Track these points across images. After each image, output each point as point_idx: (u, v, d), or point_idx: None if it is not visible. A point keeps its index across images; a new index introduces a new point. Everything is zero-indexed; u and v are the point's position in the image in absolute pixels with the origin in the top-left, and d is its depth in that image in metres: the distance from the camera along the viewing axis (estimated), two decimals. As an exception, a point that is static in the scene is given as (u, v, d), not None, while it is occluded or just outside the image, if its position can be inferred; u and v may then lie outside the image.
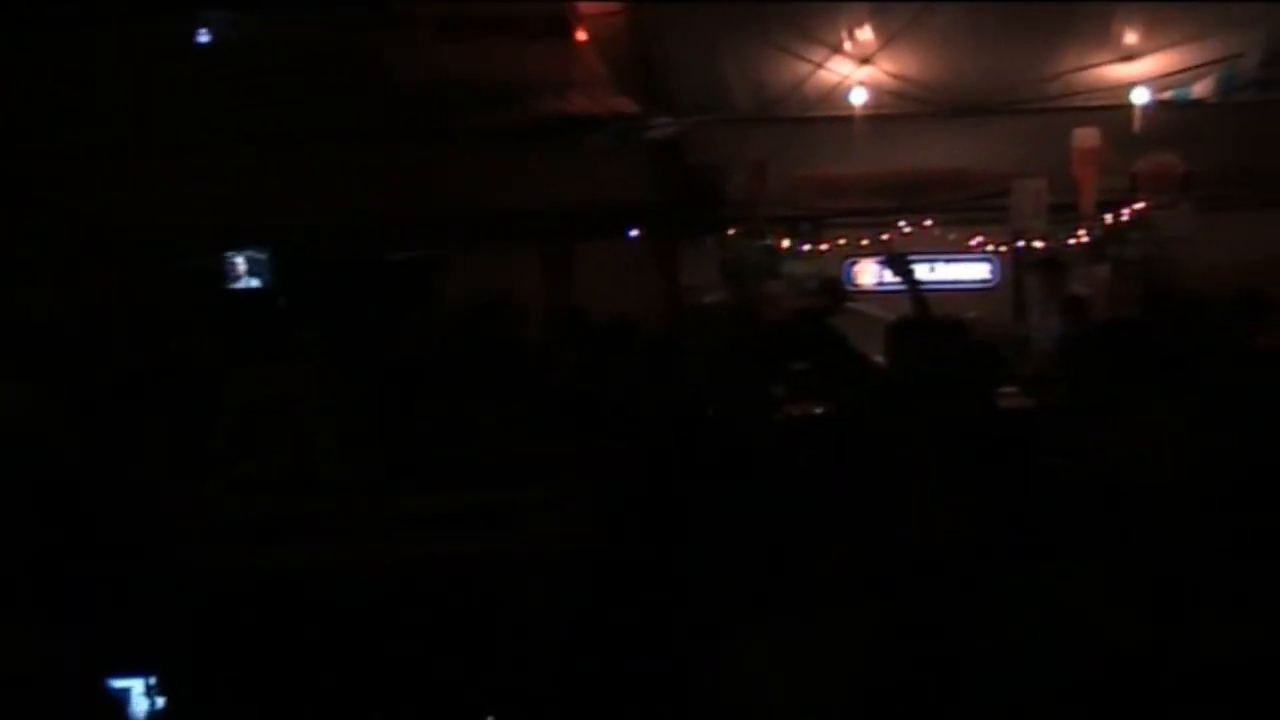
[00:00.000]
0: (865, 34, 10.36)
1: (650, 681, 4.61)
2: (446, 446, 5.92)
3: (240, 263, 11.42)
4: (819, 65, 10.50)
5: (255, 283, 11.04)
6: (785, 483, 5.08)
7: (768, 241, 12.25)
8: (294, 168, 11.20)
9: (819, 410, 6.63)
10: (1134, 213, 11.67)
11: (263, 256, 11.59)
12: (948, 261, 12.54)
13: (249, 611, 4.91)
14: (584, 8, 10.87)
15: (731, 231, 12.06)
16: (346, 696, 4.80)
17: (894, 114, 10.97)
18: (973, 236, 12.31)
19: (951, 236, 12.24)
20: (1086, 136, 11.04)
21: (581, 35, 10.13)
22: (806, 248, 12.49)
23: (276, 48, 9.92)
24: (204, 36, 11.43)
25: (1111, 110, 10.72)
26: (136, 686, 4.04)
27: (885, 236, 12.11)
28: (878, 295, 12.32)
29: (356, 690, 4.81)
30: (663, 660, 4.61)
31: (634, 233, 12.70)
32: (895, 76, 10.63)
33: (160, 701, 4.15)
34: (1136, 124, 10.60)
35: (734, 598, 4.60)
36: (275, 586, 4.98)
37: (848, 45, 10.42)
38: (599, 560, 4.98)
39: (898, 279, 7.86)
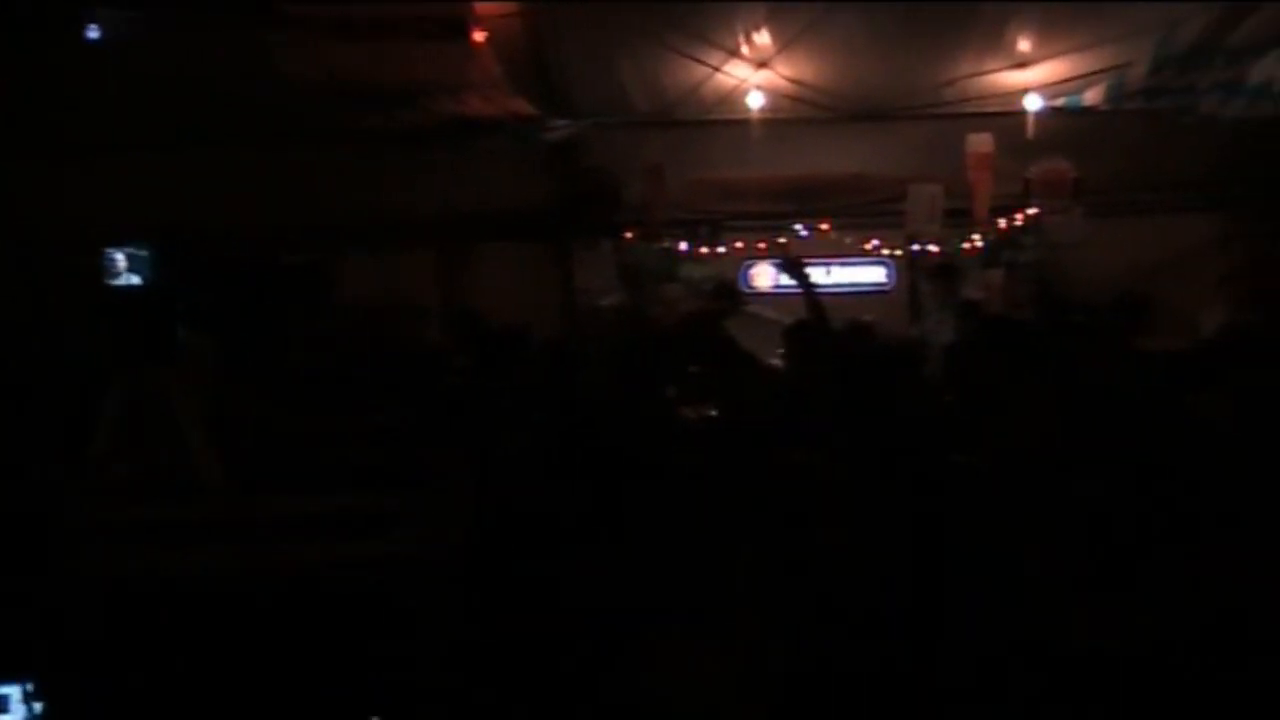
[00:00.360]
0: (762, 38, 10.35)
1: (535, 684, 4.58)
2: (330, 450, 5.85)
3: (123, 263, 11.20)
4: (716, 69, 10.49)
5: (139, 284, 10.81)
6: (680, 485, 5.08)
7: (665, 245, 12.23)
8: (183, 169, 11.01)
9: (712, 413, 6.63)
10: (1027, 218, 11.79)
11: (148, 257, 11.38)
12: (844, 265, 12.60)
13: (127, 614, 4.82)
14: (480, 9, 10.77)
15: (628, 234, 12.03)
16: (223, 697, 4.73)
17: (791, 118, 10.97)
18: (869, 240, 12.37)
19: (848, 240, 12.30)
20: (980, 142, 11.13)
21: (477, 37, 10.04)
22: (704, 251, 12.50)
23: (165, 48, 9.73)
24: (90, 36, 11.19)
25: (1005, 116, 10.81)
26: (14, 693, 3.96)
27: (782, 240, 12.14)
28: (775, 298, 12.37)
29: (233, 691, 4.74)
30: (549, 663, 4.58)
31: (530, 235, 12.64)
32: (792, 81, 10.64)
33: (38, 707, 4.07)
34: (1029, 130, 10.69)
35: (626, 601, 4.58)
36: (152, 588, 4.90)
37: (745, 49, 10.40)
38: (482, 562, 4.94)
39: (793, 282, 7.88)
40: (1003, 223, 11.88)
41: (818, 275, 12.34)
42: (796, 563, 4.61)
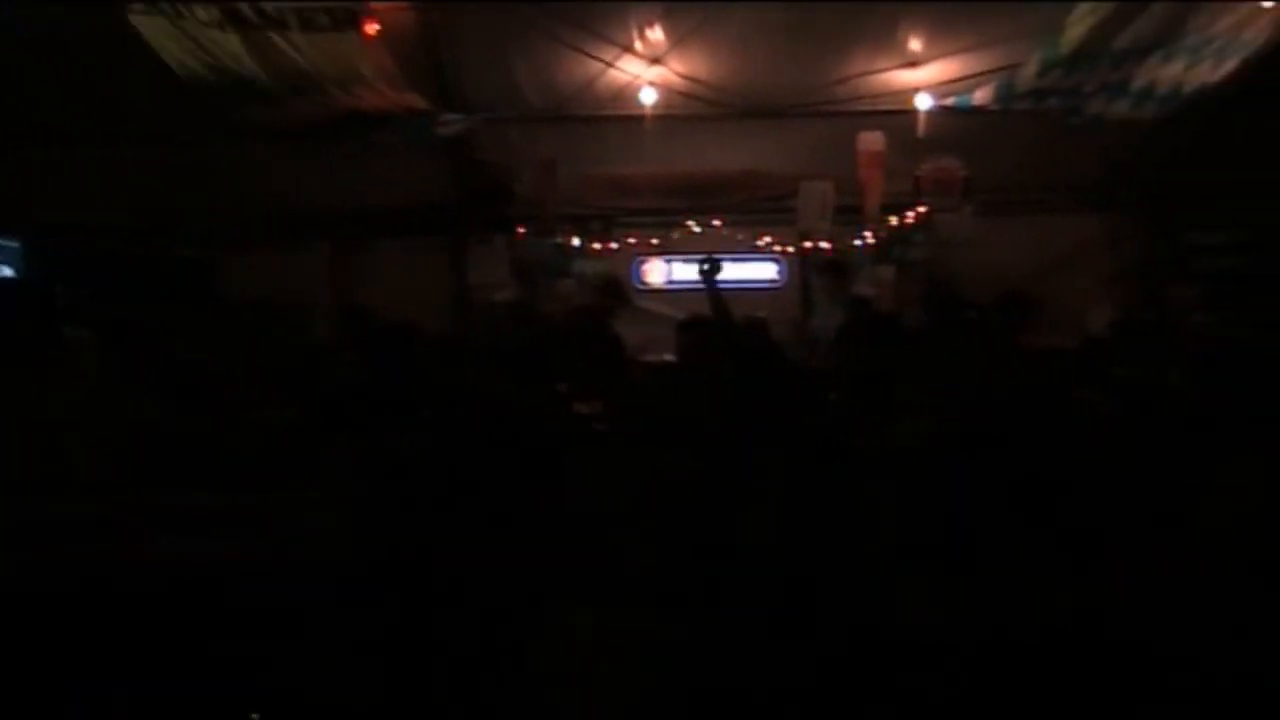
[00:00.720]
0: (656, 34, 10.32)
1: (421, 679, 4.55)
2: (215, 446, 5.76)
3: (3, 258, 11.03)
4: (609, 65, 10.44)
5: (20, 279, 10.62)
6: (571, 482, 5.08)
7: (558, 240, 12.22)
8: (72, 164, 10.82)
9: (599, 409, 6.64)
10: (917, 216, 11.90)
11: (29, 253, 11.20)
12: (736, 261, 12.64)
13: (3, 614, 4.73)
14: (374, 4, 10.66)
15: (521, 230, 11.99)
16: (99, 697, 4.65)
17: (684, 115, 10.97)
18: (761, 237, 12.43)
19: (740, 237, 12.35)
20: (871, 140, 11.21)
21: (370, 30, 9.92)
22: (597, 246, 12.50)
23: (52, 41, 9.52)
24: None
25: (896, 115, 10.88)
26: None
27: (675, 235, 12.17)
28: (667, 294, 12.39)
29: (109, 690, 4.66)
30: (435, 660, 4.56)
31: (423, 231, 12.56)
32: (685, 77, 10.62)
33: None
34: (919, 129, 10.78)
35: (513, 596, 4.57)
36: (25, 588, 4.80)
37: (638, 45, 10.38)
38: (368, 559, 4.90)
39: (706, 281, 7.92)
40: (893, 220, 11.99)
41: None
42: (679, 555, 4.63)
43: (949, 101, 10.66)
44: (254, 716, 4.59)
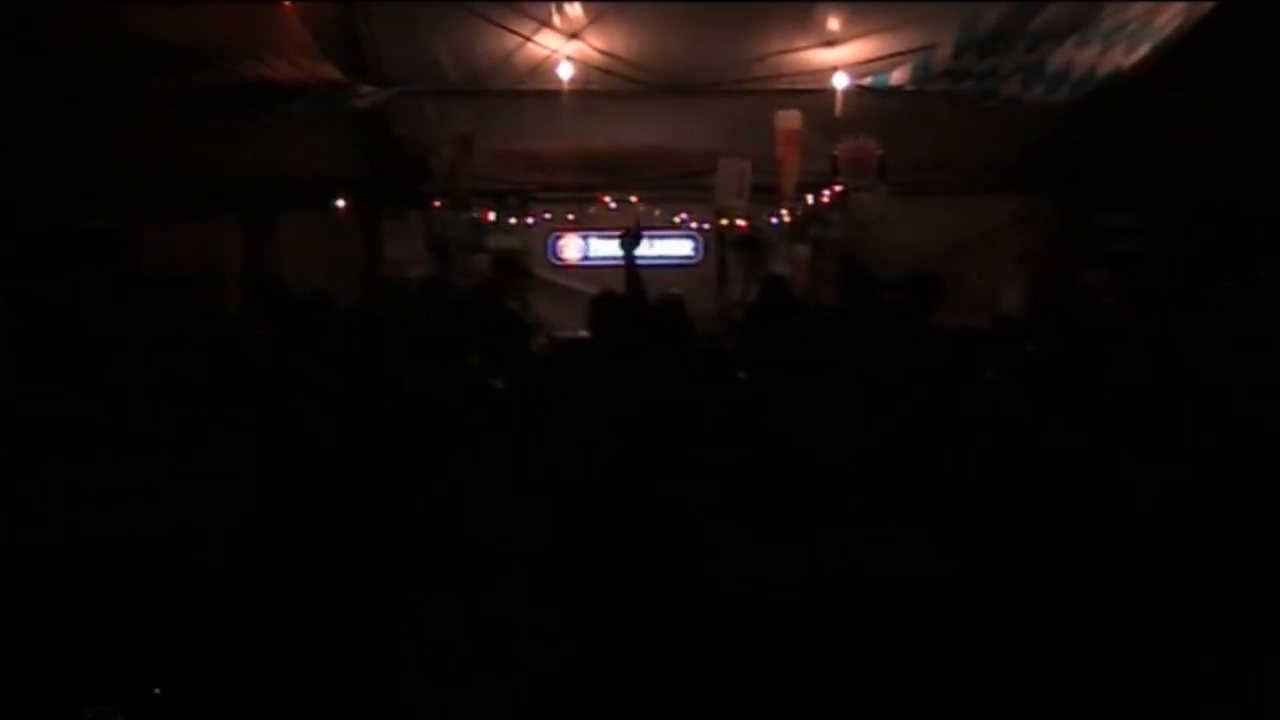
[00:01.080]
0: (574, 9, 10.25)
1: (320, 656, 4.52)
2: (120, 417, 5.67)
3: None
4: (527, 39, 10.36)
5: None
6: (476, 460, 5.05)
7: (473, 215, 12.16)
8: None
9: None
10: (833, 195, 11.94)
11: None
12: (652, 238, 12.66)
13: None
14: (290, -26, 10.52)
15: (436, 204, 11.92)
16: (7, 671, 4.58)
17: (601, 90, 10.93)
18: (678, 214, 12.43)
19: (656, 213, 12.35)
20: (788, 119, 11.22)
21: (287, 1, 9.79)
22: (512, 221, 12.45)
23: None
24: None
25: (813, 94, 10.89)
26: None
27: (591, 211, 12.15)
28: (582, 270, 12.38)
29: (16, 664, 4.59)
30: (337, 634, 4.52)
31: (337, 203, 12.45)
32: (603, 53, 10.57)
33: None
34: (837, 108, 10.79)
35: (421, 574, 4.54)
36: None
37: (556, 20, 10.30)
38: (271, 531, 4.86)
39: (625, 251, 7.91)
40: (810, 199, 12.02)
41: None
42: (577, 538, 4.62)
43: (866, 81, 10.67)
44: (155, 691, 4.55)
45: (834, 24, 10.37)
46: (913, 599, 4.39)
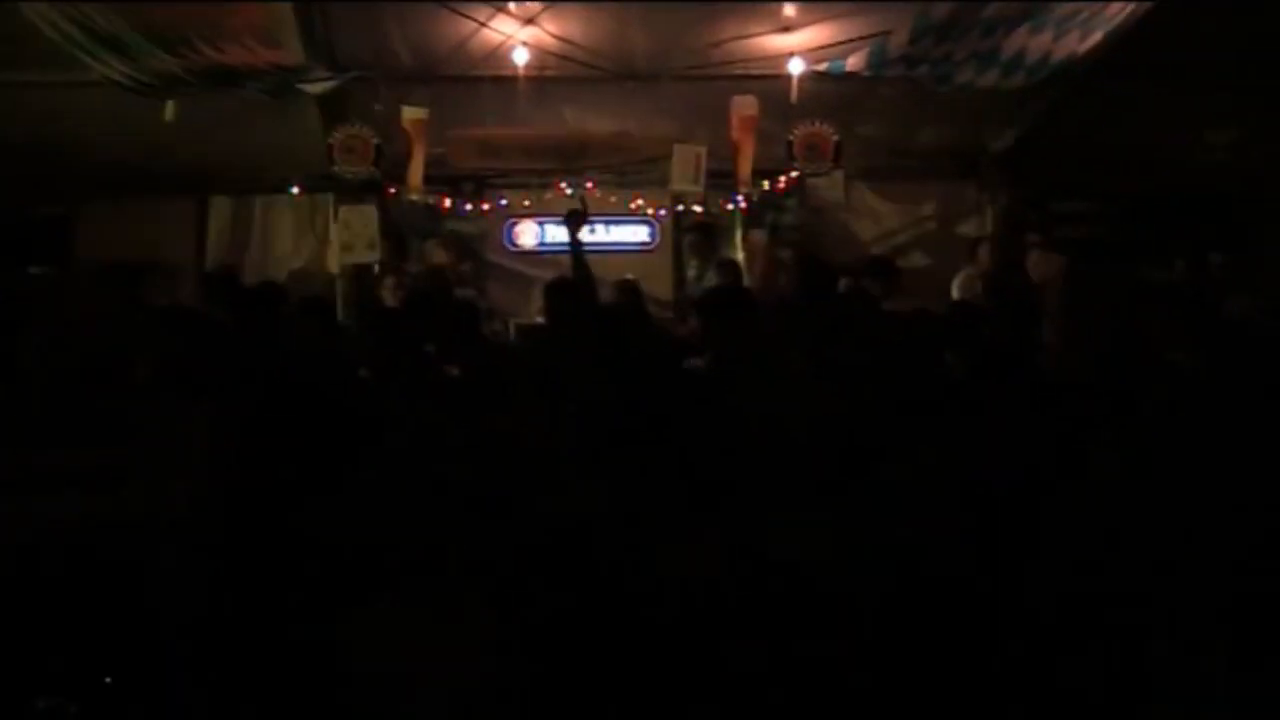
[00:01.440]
0: (530, -5, 10.23)
1: (272, 647, 4.51)
2: (63, 405, 5.63)
3: None
4: (482, 24, 10.32)
5: None
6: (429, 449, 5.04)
7: (429, 201, 12.12)
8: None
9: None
10: (789, 180, 11.95)
11: None
12: (608, 224, 12.67)
13: None
14: (243, -41, 10.44)
15: (391, 190, 11.87)
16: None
17: (557, 76, 10.91)
18: (633, 199, 12.42)
19: (612, 199, 12.33)
20: (745, 104, 11.22)
21: (241, -15, 9.70)
22: (468, 208, 12.42)
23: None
24: None
25: (770, 80, 10.90)
26: None
27: (548, 197, 12.13)
28: (539, 256, 12.37)
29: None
30: (288, 625, 4.51)
31: (292, 189, 12.40)
32: (559, 39, 10.54)
33: None
34: (793, 94, 10.81)
35: (369, 565, 4.53)
36: None
37: (512, 5, 10.26)
38: (218, 520, 4.85)
39: (569, 231, 7.90)
40: (766, 185, 12.04)
41: (582, 234, 12.44)
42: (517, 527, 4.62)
43: (822, 67, 10.69)
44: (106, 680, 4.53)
45: (790, 10, 10.36)
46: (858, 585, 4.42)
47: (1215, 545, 4.47)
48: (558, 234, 12.45)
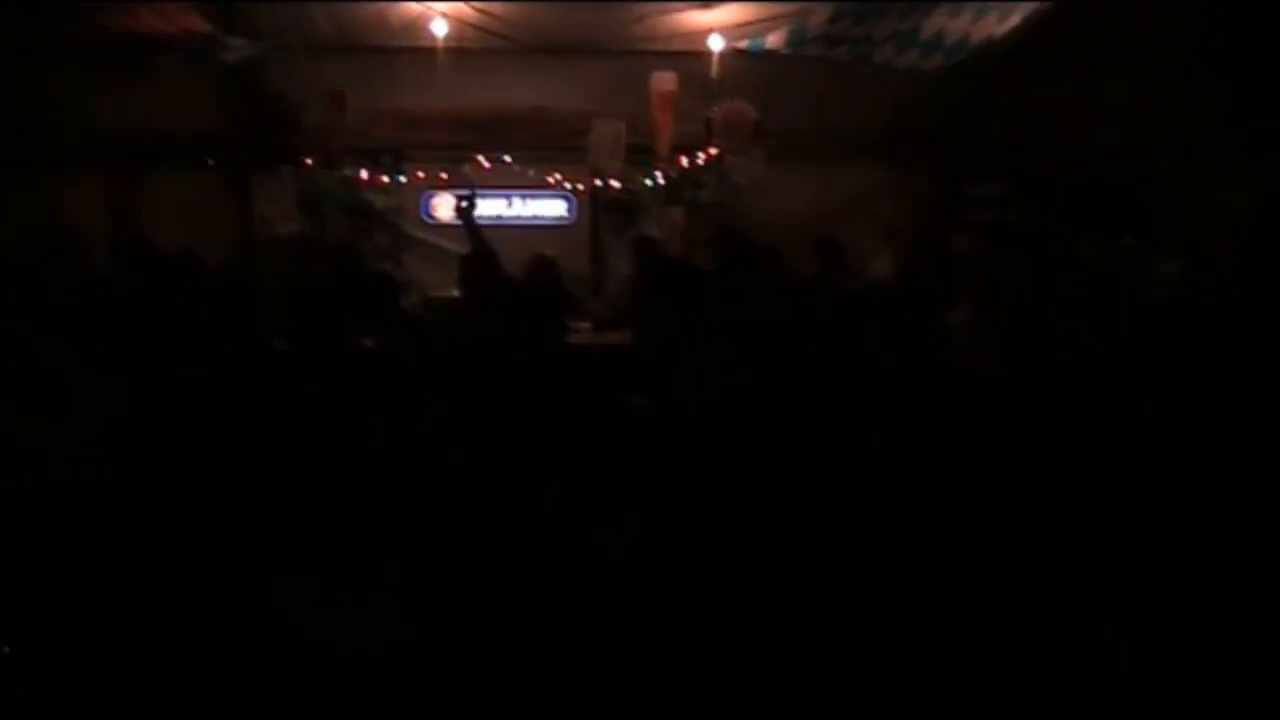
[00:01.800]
0: (450, -34, 10.17)
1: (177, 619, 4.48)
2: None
3: None
4: (402, -5, 10.26)
5: None
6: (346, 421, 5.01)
7: (345, 173, 12.03)
8: None
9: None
10: (708, 158, 11.98)
11: None
12: (525, 198, 12.64)
13: None
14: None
15: (308, 162, 11.76)
16: None
17: (476, 49, 10.85)
18: (551, 174, 12.39)
19: (530, 173, 12.30)
20: (664, 80, 11.23)
21: (155, -50, 9.55)
22: (385, 180, 12.34)
23: None
24: None
25: (689, 56, 10.91)
26: None
27: (465, 170, 12.07)
28: (454, 229, 12.32)
29: None
30: (195, 597, 4.49)
31: (207, 160, 12.25)
32: (478, 11, 10.49)
33: None
34: (712, 71, 10.82)
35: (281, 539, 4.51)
36: None
37: (432, -24, 10.20)
38: (133, 493, 4.80)
39: (463, 215, 7.88)
40: (684, 161, 12.05)
41: (499, 207, 12.42)
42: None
43: (742, 44, 10.70)
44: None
45: (711, -14, 10.38)
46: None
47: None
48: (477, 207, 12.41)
